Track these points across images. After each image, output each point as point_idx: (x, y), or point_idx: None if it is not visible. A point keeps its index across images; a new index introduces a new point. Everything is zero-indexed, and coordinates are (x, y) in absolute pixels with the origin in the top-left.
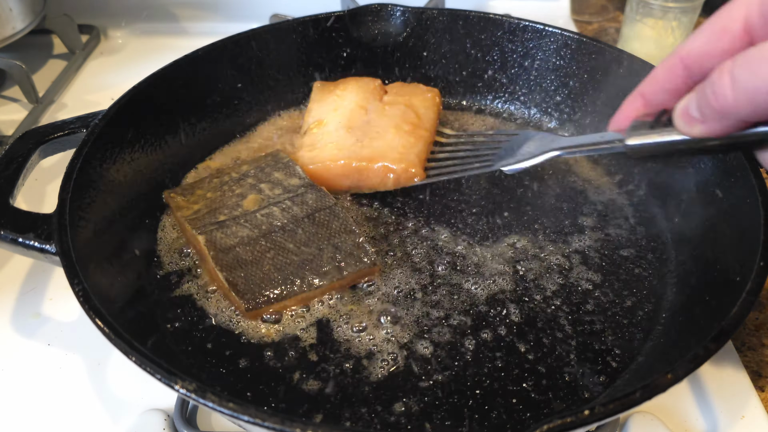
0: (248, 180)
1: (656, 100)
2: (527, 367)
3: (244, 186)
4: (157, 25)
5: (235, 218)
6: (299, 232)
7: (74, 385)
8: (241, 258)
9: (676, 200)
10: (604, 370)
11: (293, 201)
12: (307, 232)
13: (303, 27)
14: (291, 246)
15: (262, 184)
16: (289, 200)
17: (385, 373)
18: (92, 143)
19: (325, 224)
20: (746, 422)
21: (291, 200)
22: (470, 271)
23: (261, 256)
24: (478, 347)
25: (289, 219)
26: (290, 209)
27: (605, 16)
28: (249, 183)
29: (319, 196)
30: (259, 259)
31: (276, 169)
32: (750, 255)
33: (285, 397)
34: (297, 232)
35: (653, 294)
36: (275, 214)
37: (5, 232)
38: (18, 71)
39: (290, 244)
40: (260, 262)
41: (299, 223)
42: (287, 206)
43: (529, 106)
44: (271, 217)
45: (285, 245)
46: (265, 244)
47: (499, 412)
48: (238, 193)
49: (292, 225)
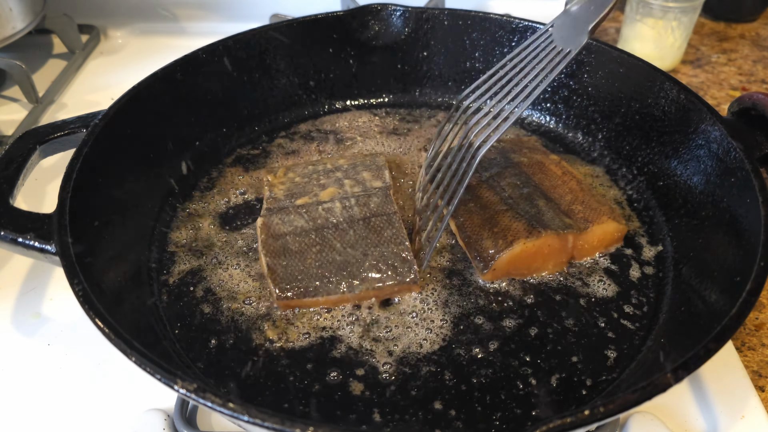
0: (338, 173)
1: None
2: (527, 364)
3: (331, 178)
4: (157, 25)
5: (298, 207)
6: (350, 232)
7: (74, 385)
8: (288, 247)
9: (675, 200)
10: (604, 370)
11: (358, 200)
12: (358, 235)
13: (303, 27)
14: (338, 245)
15: (346, 180)
16: (354, 198)
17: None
18: (92, 143)
19: (378, 230)
20: (746, 422)
21: (356, 199)
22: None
23: (307, 249)
24: (479, 356)
25: (346, 218)
26: (351, 208)
27: None
28: (337, 176)
29: (382, 201)
30: (304, 252)
31: (367, 169)
32: (750, 255)
33: (281, 397)
34: (348, 232)
35: (653, 294)
36: (335, 210)
37: (5, 232)
38: (18, 71)
39: (338, 243)
40: (304, 254)
41: (353, 224)
42: (350, 204)
43: (530, 106)
44: (330, 212)
45: (332, 243)
46: (314, 238)
47: (498, 410)
48: (321, 183)
49: (347, 224)
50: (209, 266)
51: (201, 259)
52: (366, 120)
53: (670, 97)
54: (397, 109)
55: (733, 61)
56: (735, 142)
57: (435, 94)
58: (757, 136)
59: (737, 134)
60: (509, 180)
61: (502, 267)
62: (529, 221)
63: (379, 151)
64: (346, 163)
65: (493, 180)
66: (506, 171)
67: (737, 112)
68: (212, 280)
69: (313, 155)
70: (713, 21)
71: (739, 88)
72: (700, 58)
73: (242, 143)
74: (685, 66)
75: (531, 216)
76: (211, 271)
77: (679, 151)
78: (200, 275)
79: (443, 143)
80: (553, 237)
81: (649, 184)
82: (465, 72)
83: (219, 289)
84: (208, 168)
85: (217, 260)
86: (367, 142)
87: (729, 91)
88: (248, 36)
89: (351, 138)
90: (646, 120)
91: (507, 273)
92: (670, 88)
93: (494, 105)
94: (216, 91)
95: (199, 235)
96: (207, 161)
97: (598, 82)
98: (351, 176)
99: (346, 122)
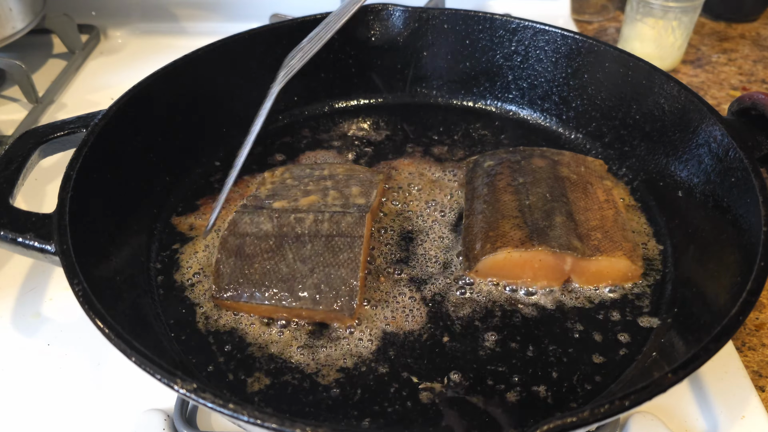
0: (328, 182)
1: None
2: (528, 362)
3: (320, 185)
4: (157, 25)
5: (273, 210)
6: (308, 247)
7: (74, 385)
8: (243, 248)
9: (675, 200)
10: (604, 370)
11: (332, 216)
12: (314, 251)
13: (303, 27)
14: (290, 256)
15: (332, 191)
16: (329, 214)
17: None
18: (92, 143)
19: (335, 251)
20: (746, 422)
21: (331, 215)
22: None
23: (258, 254)
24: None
25: (311, 232)
26: (321, 223)
27: (605, 15)
28: (326, 185)
29: (354, 223)
30: (255, 256)
31: (359, 183)
32: (750, 255)
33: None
34: (306, 246)
35: (653, 294)
36: (305, 221)
37: (5, 232)
38: (18, 71)
39: (290, 255)
40: (254, 259)
41: (314, 239)
42: (321, 219)
43: (530, 106)
44: (300, 222)
45: (286, 254)
46: (271, 245)
47: (500, 408)
48: (308, 189)
49: (308, 238)
50: (210, 266)
51: (201, 259)
52: (366, 120)
53: (671, 96)
54: (397, 109)
55: (734, 61)
56: (735, 142)
57: (435, 94)
58: (757, 136)
59: (737, 134)
60: (541, 190)
61: (485, 269)
62: (531, 233)
63: (379, 152)
64: (343, 173)
65: (524, 187)
66: (544, 182)
67: (737, 112)
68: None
69: (311, 157)
70: (713, 21)
71: (740, 88)
72: (700, 57)
73: (242, 143)
74: (686, 66)
75: (536, 228)
76: (212, 271)
77: (679, 151)
78: (201, 275)
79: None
80: (546, 253)
81: (649, 184)
82: (465, 72)
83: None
84: (208, 168)
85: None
86: (368, 143)
87: (729, 91)
88: (248, 36)
89: (351, 138)
90: (646, 120)
91: (493, 275)
92: (670, 87)
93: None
94: (216, 91)
95: (199, 235)
96: (207, 161)
97: (598, 81)
98: (339, 188)
99: (346, 122)
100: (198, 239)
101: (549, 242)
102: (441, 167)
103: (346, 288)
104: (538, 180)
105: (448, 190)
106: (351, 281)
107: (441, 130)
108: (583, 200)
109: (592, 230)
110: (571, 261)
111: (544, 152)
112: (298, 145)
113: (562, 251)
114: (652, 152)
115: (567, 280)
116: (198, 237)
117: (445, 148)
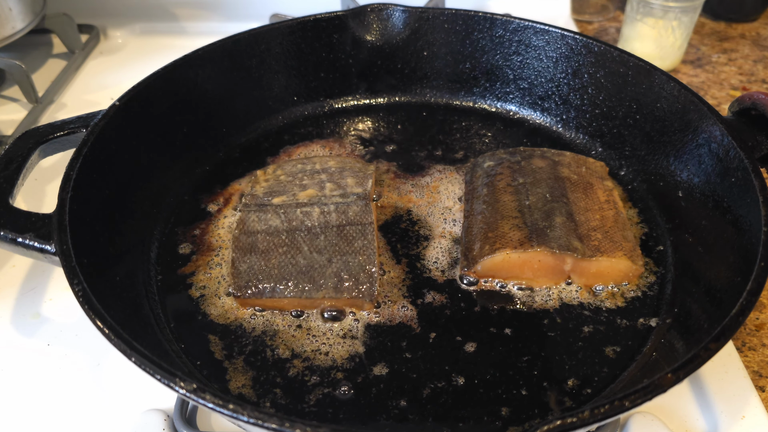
0: (322, 175)
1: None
2: (528, 363)
3: (315, 179)
4: (156, 24)
5: (275, 206)
6: (321, 238)
7: (74, 385)
8: (257, 245)
9: (675, 200)
10: (603, 371)
11: (337, 207)
12: (328, 241)
13: (303, 27)
14: (305, 248)
15: (329, 183)
16: (334, 205)
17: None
18: (92, 143)
19: (349, 239)
20: (746, 422)
21: (336, 206)
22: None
23: (273, 249)
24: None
25: (321, 223)
26: (329, 214)
27: (606, 15)
28: (321, 178)
29: (361, 210)
30: (270, 252)
31: (353, 174)
32: (750, 255)
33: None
34: (319, 237)
35: (653, 294)
36: (313, 214)
37: (5, 232)
38: (18, 71)
39: (305, 247)
40: (270, 254)
41: (326, 230)
42: (328, 210)
43: (530, 106)
44: (307, 215)
45: (301, 246)
46: (284, 239)
47: (496, 411)
48: (303, 184)
49: (320, 229)
50: (210, 266)
51: (202, 258)
52: (366, 120)
53: (671, 97)
54: (397, 109)
55: (734, 61)
56: (735, 142)
57: (435, 94)
58: (757, 136)
59: (737, 134)
60: (541, 191)
61: (485, 270)
62: (530, 233)
63: (379, 152)
64: (335, 166)
65: (524, 187)
66: (544, 182)
67: (737, 111)
68: (213, 280)
69: (311, 156)
70: (713, 21)
71: (740, 87)
72: (700, 57)
73: (242, 143)
74: (686, 66)
75: (536, 229)
76: (212, 270)
77: (679, 151)
78: (201, 275)
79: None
80: (546, 254)
81: (650, 184)
82: (465, 72)
83: (220, 289)
84: (208, 168)
85: (217, 260)
86: (367, 143)
87: (729, 91)
88: (248, 36)
89: (350, 139)
90: (646, 120)
91: (493, 275)
92: (670, 87)
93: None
94: (216, 91)
95: (199, 235)
96: (207, 161)
97: (598, 81)
98: (335, 180)
99: (346, 123)
100: (198, 239)
101: (548, 243)
102: (441, 167)
103: (365, 274)
104: (538, 180)
105: (448, 191)
106: (369, 267)
107: (441, 130)
108: (584, 200)
109: (592, 230)
110: (571, 261)
111: (545, 153)
112: (296, 144)
113: (561, 252)
114: (652, 152)
115: (567, 280)
116: (198, 237)
117: (445, 148)
